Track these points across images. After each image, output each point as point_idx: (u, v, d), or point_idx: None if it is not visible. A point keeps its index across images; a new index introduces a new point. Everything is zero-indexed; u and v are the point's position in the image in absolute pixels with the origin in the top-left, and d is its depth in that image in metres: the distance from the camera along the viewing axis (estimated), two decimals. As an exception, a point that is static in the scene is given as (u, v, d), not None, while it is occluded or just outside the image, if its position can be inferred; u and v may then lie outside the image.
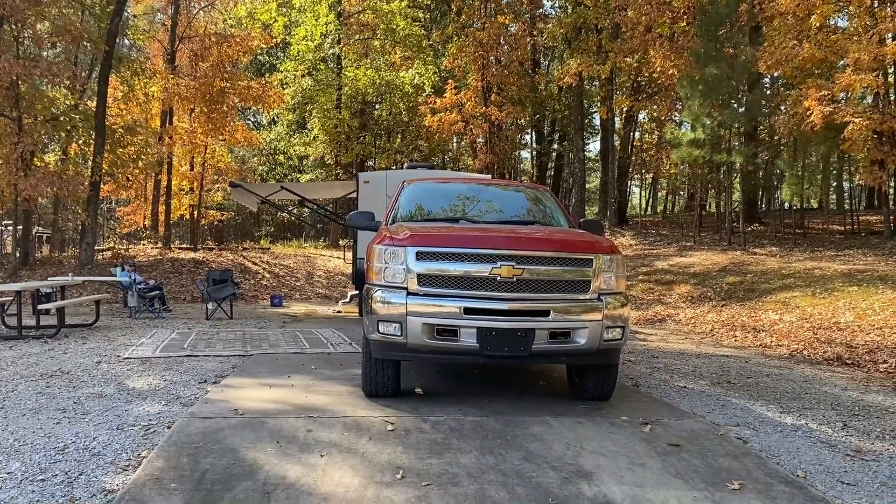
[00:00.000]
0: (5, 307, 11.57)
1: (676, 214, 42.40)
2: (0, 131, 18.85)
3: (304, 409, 5.68)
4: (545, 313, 5.45)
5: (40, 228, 34.61)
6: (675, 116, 36.44)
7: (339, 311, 16.11)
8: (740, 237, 23.05)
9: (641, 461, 4.57)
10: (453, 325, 5.43)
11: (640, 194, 59.40)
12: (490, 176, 24.73)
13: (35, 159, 20.83)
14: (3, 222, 30.39)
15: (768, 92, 27.11)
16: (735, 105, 22.86)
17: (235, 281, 15.42)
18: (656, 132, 42.33)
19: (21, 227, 21.77)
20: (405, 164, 15.49)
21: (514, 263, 5.44)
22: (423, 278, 5.53)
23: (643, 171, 51.58)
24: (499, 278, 5.43)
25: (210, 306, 14.18)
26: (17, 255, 21.10)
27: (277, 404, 5.89)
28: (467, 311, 5.40)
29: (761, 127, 26.00)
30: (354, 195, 14.78)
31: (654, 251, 23.87)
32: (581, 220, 7.15)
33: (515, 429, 5.20)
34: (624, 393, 6.66)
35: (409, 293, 5.50)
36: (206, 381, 7.10)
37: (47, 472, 4.32)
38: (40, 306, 11.30)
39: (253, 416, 5.40)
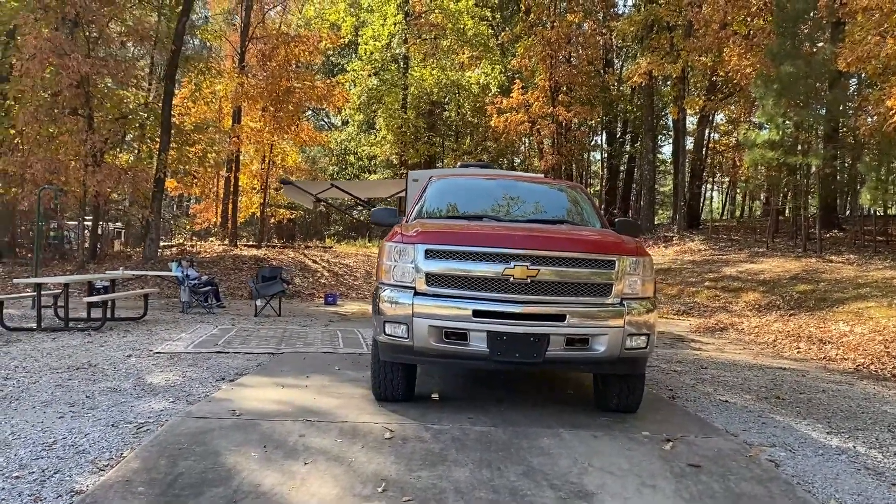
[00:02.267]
0: (57, 299, 11.81)
1: (753, 219, 40.75)
2: (71, 128, 19.43)
3: (306, 412, 5.44)
4: (561, 318, 5.06)
5: (120, 224, 35.81)
6: (753, 118, 35.10)
7: (389, 311, 15.87)
8: (816, 244, 21.85)
9: (653, 482, 4.14)
10: (462, 329, 5.10)
11: (719, 198, 57.52)
12: (542, 175, 24.18)
13: (106, 156, 21.45)
14: (83, 217, 31.50)
15: (851, 91, 25.63)
16: (814, 105, 21.69)
17: (285, 278, 15.41)
18: (734, 134, 40.90)
19: (91, 222, 22.43)
20: (458, 164, 15.19)
21: (528, 264, 5.07)
22: (431, 278, 5.21)
23: (719, 173, 49.88)
24: (512, 279, 5.08)
25: (259, 303, 14.19)
26: (86, 249, 21.72)
27: (281, 405, 5.68)
28: (477, 313, 5.07)
29: (844, 129, 24.63)
30: (405, 194, 14.57)
31: (724, 257, 22.89)
32: (616, 220, 6.69)
33: (523, 441, 4.83)
34: (655, 405, 6.19)
35: (416, 293, 5.20)
36: (223, 379, 6.96)
37: (25, 468, 4.19)
38: (86, 299, 11.47)
39: (249, 418, 5.19)
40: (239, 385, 6.56)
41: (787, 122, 21.46)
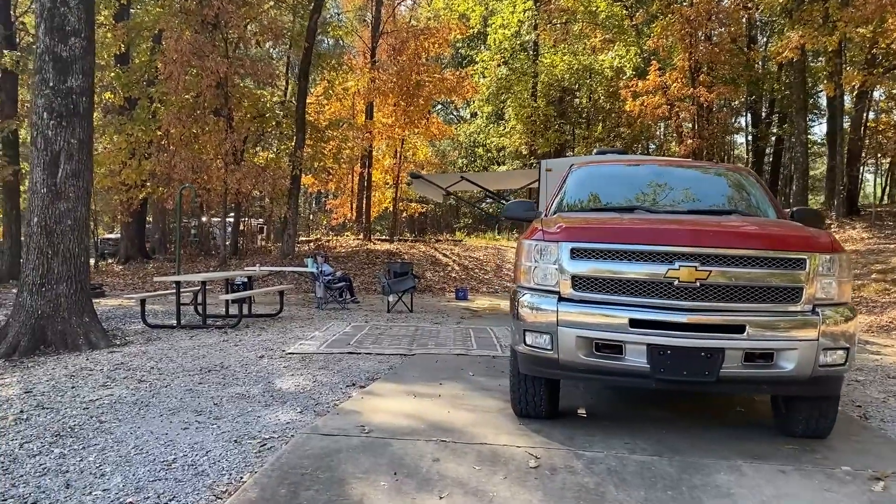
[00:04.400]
0: (197, 296, 11.99)
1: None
2: (212, 128, 20.01)
3: (440, 430, 4.89)
4: (739, 329, 4.24)
5: (262, 220, 37.11)
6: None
7: (523, 307, 15.30)
8: None
9: (871, 542, 3.29)
10: (616, 340, 4.38)
11: (875, 181, 53.00)
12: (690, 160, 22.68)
13: (246, 155, 22.04)
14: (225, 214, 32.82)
15: None
16: None
17: (415, 274, 15.09)
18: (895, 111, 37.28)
19: (232, 219, 23.14)
20: (594, 151, 14.24)
21: (697, 264, 4.27)
22: (578, 281, 4.52)
23: (879, 154, 45.79)
24: (677, 282, 4.30)
25: (391, 299, 13.95)
26: (228, 245, 22.41)
27: (412, 420, 5.15)
28: (635, 323, 4.33)
29: None
30: (537, 185, 13.85)
31: (891, 245, 20.65)
32: (794, 209, 5.71)
33: (695, 476, 4.06)
34: (846, 427, 5.20)
35: (561, 298, 4.53)
36: (353, 385, 6.55)
37: (141, 492, 3.87)
38: (222, 297, 11.55)
39: (379, 436, 4.70)
40: (369, 393, 6.12)
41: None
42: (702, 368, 4.25)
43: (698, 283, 4.28)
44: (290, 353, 8.38)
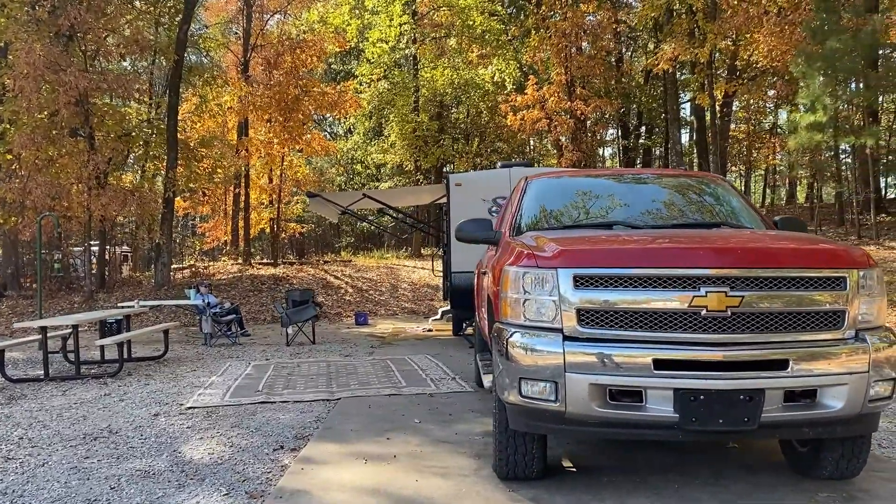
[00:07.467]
0: (66, 340, 10.35)
1: (776, 208, 39.26)
2: (71, 150, 18.00)
3: (418, 510, 3.95)
4: (781, 364, 3.56)
5: (126, 247, 34.36)
6: (769, 103, 34.54)
7: (429, 330, 14.52)
8: (870, 230, 20.35)
9: None
10: (637, 386, 3.60)
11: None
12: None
13: (111, 178, 20.05)
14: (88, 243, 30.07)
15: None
16: (851, 81, 20.31)
17: (317, 301, 13.94)
18: (752, 121, 39.58)
19: (97, 248, 20.99)
20: (498, 164, 13.62)
21: (726, 289, 3.56)
22: (585, 315, 3.71)
23: (738, 163, 48.57)
24: (704, 312, 3.57)
25: (290, 331, 12.75)
26: (94, 277, 20.24)
27: (379, 499, 4.15)
28: (660, 363, 3.56)
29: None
30: (443, 201, 13.11)
31: (773, 249, 21.36)
32: (777, 218, 5.16)
33: (748, 549, 3.34)
34: (869, 463, 4.61)
35: (565, 337, 3.71)
36: (282, 448, 5.45)
37: None
38: (98, 342, 10.01)
39: (345, 528, 3.71)
40: (308, 461, 5.03)
41: (837, 101, 20.02)
42: (741, 415, 3.52)
43: (729, 312, 3.57)
44: (190, 408, 7.11)
